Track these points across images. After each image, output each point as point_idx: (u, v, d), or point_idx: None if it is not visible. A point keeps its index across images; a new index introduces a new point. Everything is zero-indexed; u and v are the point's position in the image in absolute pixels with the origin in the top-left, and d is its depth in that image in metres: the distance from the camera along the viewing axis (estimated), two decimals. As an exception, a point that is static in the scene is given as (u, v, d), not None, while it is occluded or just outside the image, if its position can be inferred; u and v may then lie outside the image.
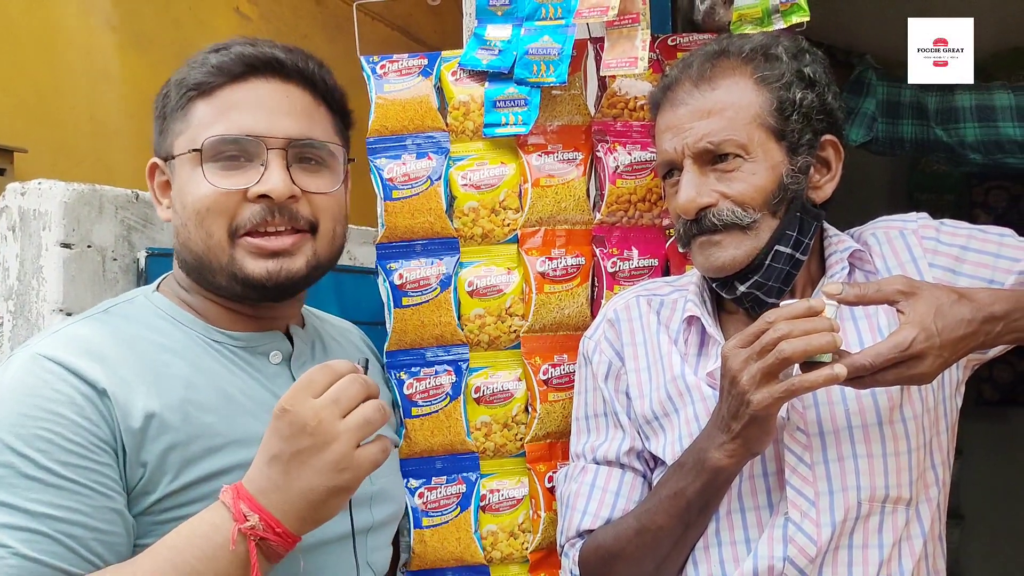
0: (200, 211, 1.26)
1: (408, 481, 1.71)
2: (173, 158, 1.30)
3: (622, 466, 1.50)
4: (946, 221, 1.49)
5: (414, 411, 1.71)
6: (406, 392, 1.72)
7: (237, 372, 1.30)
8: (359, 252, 2.33)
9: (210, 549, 1.08)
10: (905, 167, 4.02)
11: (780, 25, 1.58)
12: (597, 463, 1.51)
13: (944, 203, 3.89)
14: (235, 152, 1.27)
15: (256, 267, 1.27)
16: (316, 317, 1.56)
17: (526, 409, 1.72)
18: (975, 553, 3.58)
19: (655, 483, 1.46)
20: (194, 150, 1.26)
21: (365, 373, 1.17)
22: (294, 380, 1.26)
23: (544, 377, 1.70)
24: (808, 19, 1.56)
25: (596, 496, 1.49)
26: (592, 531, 1.48)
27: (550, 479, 1.70)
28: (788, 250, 1.40)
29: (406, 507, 1.69)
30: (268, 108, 1.28)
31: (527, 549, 1.71)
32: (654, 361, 1.50)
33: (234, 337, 1.32)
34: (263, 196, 1.26)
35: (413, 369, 1.73)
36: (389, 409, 1.15)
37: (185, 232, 1.29)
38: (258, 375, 1.31)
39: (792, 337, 1.20)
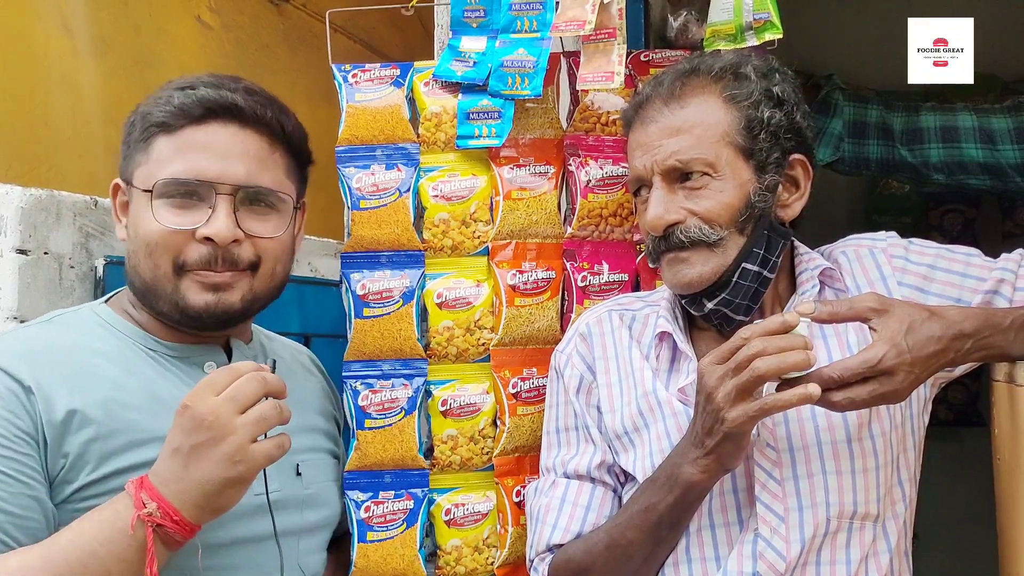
0: (149, 244, 1.34)
1: (355, 494, 1.68)
2: (131, 185, 1.38)
3: (593, 480, 1.49)
4: (914, 240, 1.51)
5: (367, 423, 1.69)
6: (360, 403, 1.70)
7: (169, 377, 1.37)
8: (321, 264, 2.31)
9: (110, 533, 1.16)
10: (863, 189, 4.08)
11: (753, 42, 1.59)
12: (568, 477, 1.50)
13: (901, 225, 3.93)
14: (186, 192, 1.34)
15: (197, 299, 1.34)
16: (266, 337, 1.62)
17: (493, 423, 1.71)
18: (931, 572, 3.61)
19: (626, 498, 1.46)
20: (146, 190, 1.34)
21: (272, 372, 1.25)
22: None
23: (513, 391, 1.69)
24: (781, 36, 1.57)
25: (566, 510, 1.47)
26: (562, 545, 1.47)
27: (518, 493, 1.68)
28: (755, 268, 1.41)
29: (350, 520, 1.67)
30: (222, 153, 1.35)
31: (492, 564, 1.69)
32: (626, 376, 1.50)
33: (170, 347, 1.40)
34: (207, 238, 1.33)
35: (369, 381, 1.71)
36: (287, 410, 1.23)
37: (135, 258, 1.37)
38: (192, 383, 1.33)
39: (767, 354, 1.21)
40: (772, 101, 1.42)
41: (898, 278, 1.46)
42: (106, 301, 1.44)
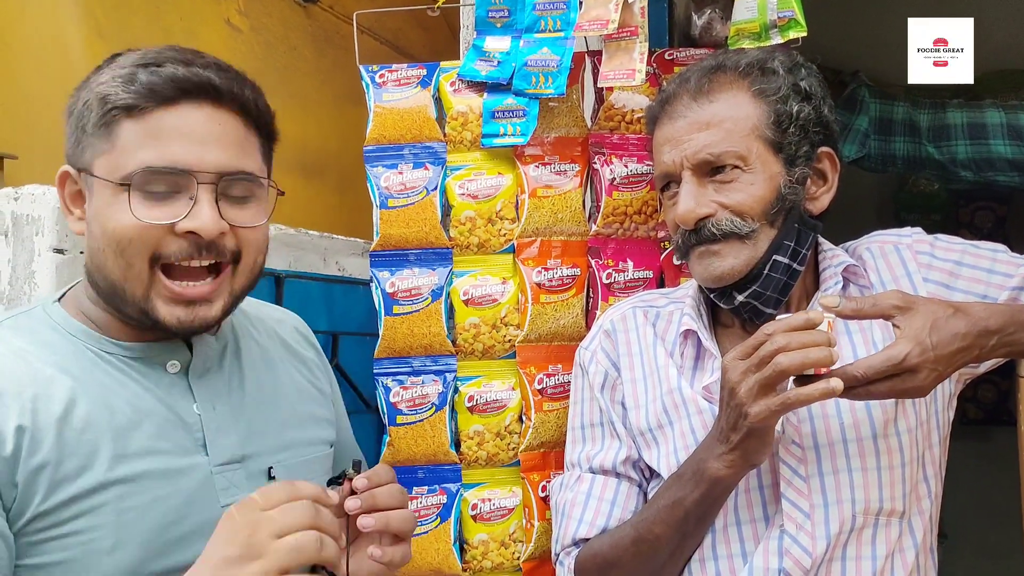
0: (121, 241, 1.18)
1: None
2: (92, 175, 1.21)
3: (618, 475, 1.50)
4: (940, 236, 1.50)
5: (399, 419, 1.72)
6: (392, 400, 1.72)
7: (128, 384, 1.24)
8: (348, 263, 2.33)
9: None
10: (892, 186, 4.05)
11: (777, 40, 1.59)
12: (593, 472, 1.51)
13: (931, 223, 3.90)
14: (163, 183, 1.19)
15: (168, 313, 1.21)
16: (243, 313, 1.44)
17: (519, 419, 1.73)
18: (959, 572, 3.58)
19: (651, 494, 1.46)
20: (122, 183, 1.18)
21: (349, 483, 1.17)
22: (191, 390, 1.27)
23: (539, 387, 1.70)
24: (805, 34, 1.57)
25: (592, 505, 1.48)
26: (587, 540, 1.48)
27: (543, 488, 1.70)
28: (786, 260, 1.41)
29: None
30: (199, 137, 1.20)
31: (518, 558, 1.71)
32: (650, 373, 1.50)
33: (127, 348, 1.26)
34: (191, 232, 1.19)
35: (400, 377, 1.74)
36: (332, 547, 1.08)
37: (101, 257, 1.21)
38: (152, 386, 1.25)
39: (789, 350, 1.20)
40: (800, 95, 1.42)
41: (924, 274, 1.45)
42: (60, 298, 1.30)
